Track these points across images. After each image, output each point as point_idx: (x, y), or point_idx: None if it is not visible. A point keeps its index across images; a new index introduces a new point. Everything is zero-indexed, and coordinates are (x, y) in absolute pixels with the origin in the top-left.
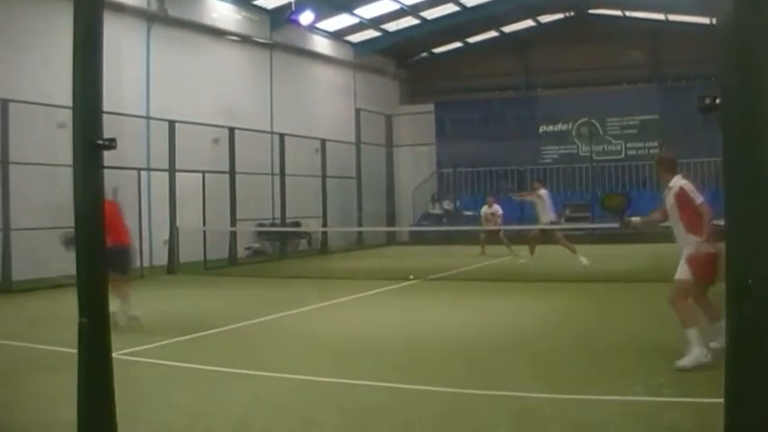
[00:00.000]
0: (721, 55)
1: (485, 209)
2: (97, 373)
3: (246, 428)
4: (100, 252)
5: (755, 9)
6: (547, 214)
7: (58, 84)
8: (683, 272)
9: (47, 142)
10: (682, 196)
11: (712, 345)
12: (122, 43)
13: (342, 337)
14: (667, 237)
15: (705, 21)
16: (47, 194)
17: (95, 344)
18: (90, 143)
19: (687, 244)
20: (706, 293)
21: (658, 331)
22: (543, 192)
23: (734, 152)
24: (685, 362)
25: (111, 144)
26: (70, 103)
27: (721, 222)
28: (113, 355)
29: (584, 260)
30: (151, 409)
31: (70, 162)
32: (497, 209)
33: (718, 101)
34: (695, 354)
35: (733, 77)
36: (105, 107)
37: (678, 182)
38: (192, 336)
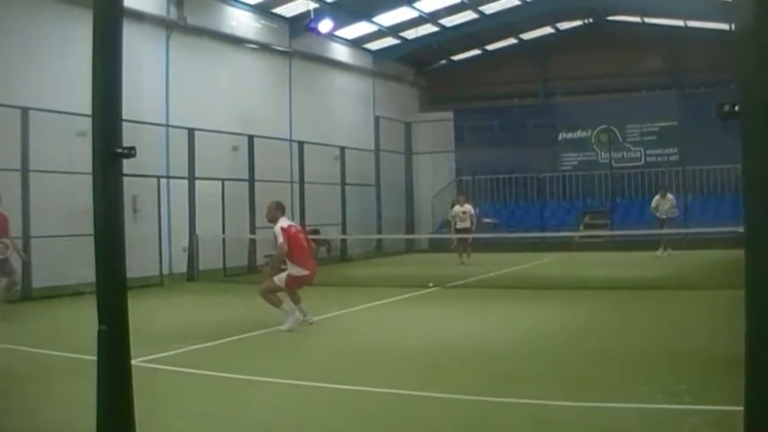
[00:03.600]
0: (740, 61)
1: (456, 208)
2: (116, 380)
3: None
4: (120, 260)
5: None
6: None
7: (78, 92)
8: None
9: (66, 150)
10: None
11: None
12: (142, 51)
13: (362, 344)
14: (689, 243)
15: (724, 27)
16: (66, 202)
17: (115, 351)
18: (109, 151)
19: None
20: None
21: (678, 338)
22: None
23: (753, 159)
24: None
25: (131, 152)
26: (89, 112)
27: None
28: (134, 362)
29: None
30: (170, 417)
31: (89, 170)
32: (469, 208)
33: (737, 108)
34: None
35: (752, 83)
36: (125, 115)
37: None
38: (212, 343)
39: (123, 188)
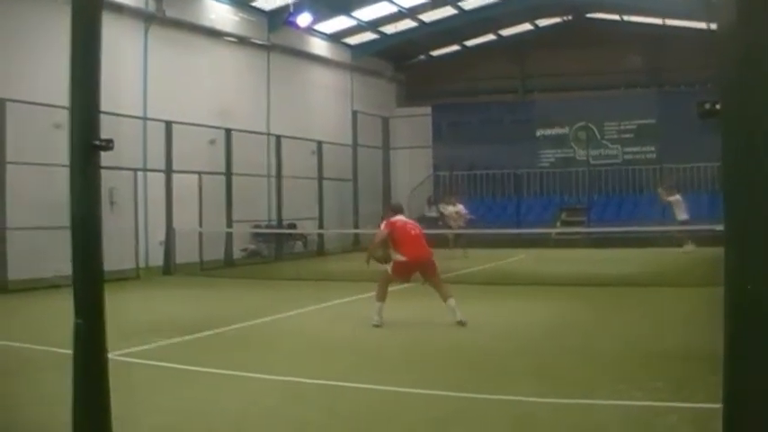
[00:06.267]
0: (721, 59)
1: (450, 208)
2: (93, 373)
3: (240, 431)
4: (97, 253)
5: (758, 11)
6: None
7: (56, 84)
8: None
9: (43, 142)
10: None
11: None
12: (120, 44)
13: (338, 339)
14: (664, 241)
15: (703, 26)
16: (43, 194)
17: (91, 345)
18: (87, 144)
19: None
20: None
21: (657, 335)
22: None
23: (734, 158)
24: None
25: (109, 145)
26: (67, 104)
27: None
28: (109, 356)
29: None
30: (145, 411)
31: (67, 162)
32: (462, 208)
33: (717, 106)
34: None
35: (734, 82)
36: (102, 107)
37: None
38: (188, 337)
39: (101, 181)
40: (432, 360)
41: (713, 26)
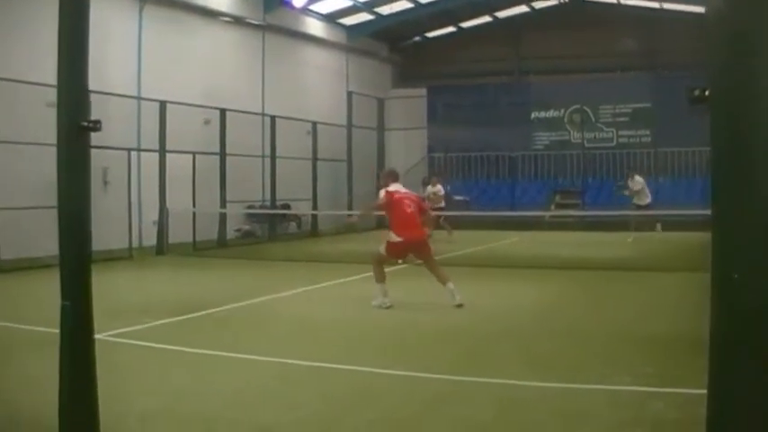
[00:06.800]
0: (710, 45)
1: (429, 188)
2: (79, 356)
3: (231, 412)
4: (84, 234)
5: None
6: None
7: (49, 62)
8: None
9: (35, 121)
10: None
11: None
12: (114, 23)
13: (329, 320)
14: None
15: (700, 10)
16: (35, 174)
17: (78, 327)
18: (75, 124)
19: None
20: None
21: (647, 320)
22: None
23: (722, 145)
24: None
25: (97, 126)
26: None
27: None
28: (100, 336)
29: None
30: (137, 392)
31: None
32: (440, 188)
33: (707, 92)
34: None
35: (723, 68)
36: (96, 87)
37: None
38: (180, 318)
39: (89, 162)
40: (421, 342)
41: (705, 11)
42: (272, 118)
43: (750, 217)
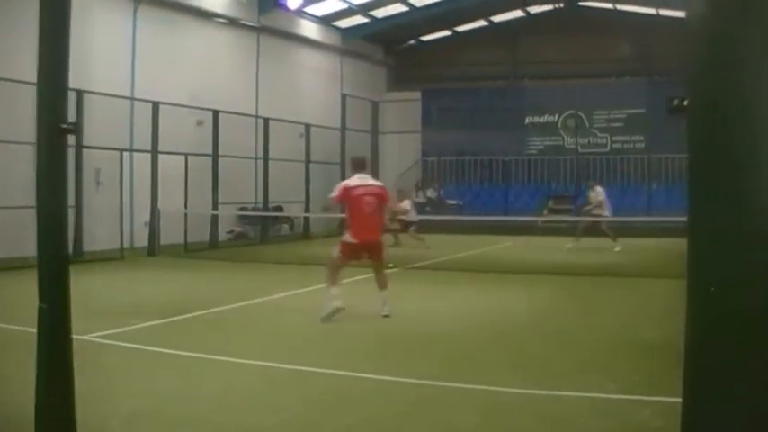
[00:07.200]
0: (689, 53)
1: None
2: (56, 358)
3: (217, 415)
4: (62, 237)
5: (726, 2)
6: None
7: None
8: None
9: (27, 121)
10: None
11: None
12: (108, 24)
13: (315, 325)
14: (651, 232)
15: None
16: (26, 173)
17: (55, 330)
18: (54, 127)
19: None
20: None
21: (636, 327)
22: None
23: (698, 153)
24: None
25: (75, 128)
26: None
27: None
28: (88, 337)
29: None
30: (122, 394)
31: None
32: (406, 203)
33: (686, 102)
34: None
35: (700, 76)
36: (89, 87)
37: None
38: (169, 319)
39: (66, 164)
40: (407, 347)
41: (685, 17)
42: (266, 120)
43: (728, 228)
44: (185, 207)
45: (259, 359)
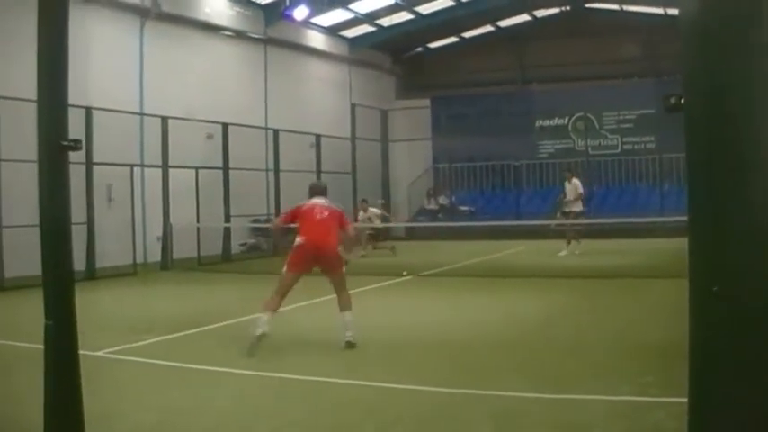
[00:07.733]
0: (684, 51)
1: (360, 214)
2: (63, 375)
3: (225, 428)
4: (66, 254)
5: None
6: None
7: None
8: None
9: (34, 139)
10: None
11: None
12: (115, 39)
13: (326, 335)
14: (660, 232)
15: None
16: (35, 192)
17: (61, 346)
18: (55, 144)
19: None
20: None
21: (649, 329)
22: None
23: (697, 152)
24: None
25: (77, 145)
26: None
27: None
28: (99, 353)
29: None
30: (133, 409)
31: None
32: (373, 211)
33: (683, 100)
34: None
35: (696, 75)
36: (98, 104)
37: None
38: (182, 333)
39: (69, 181)
40: (418, 355)
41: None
42: (276, 131)
43: (728, 228)
44: (197, 221)
45: (271, 371)
